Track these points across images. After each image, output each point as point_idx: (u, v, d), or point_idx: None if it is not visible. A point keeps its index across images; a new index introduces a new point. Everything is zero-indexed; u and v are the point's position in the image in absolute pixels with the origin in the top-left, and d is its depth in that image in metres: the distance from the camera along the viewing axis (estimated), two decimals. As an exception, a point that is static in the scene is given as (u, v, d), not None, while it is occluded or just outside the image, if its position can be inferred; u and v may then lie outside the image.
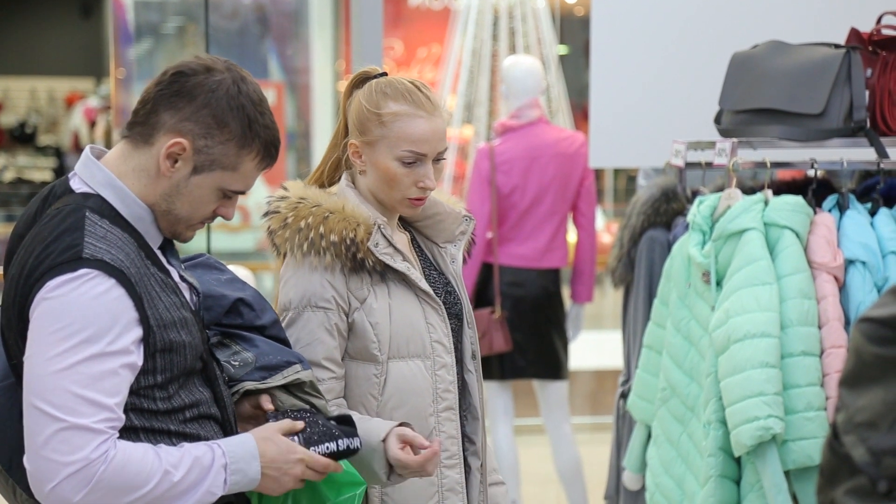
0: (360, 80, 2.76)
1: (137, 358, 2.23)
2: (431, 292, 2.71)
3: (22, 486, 2.37)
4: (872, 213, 3.76)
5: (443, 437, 2.67)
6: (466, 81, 8.70)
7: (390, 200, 2.70)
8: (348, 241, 2.60)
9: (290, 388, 2.50)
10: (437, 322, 2.71)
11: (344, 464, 2.50)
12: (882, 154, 3.81)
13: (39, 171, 16.63)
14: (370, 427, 2.55)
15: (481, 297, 5.91)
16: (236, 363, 2.50)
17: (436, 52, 10.70)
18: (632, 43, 5.07)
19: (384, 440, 2.52)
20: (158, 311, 2.26)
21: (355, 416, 2.57)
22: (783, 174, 4.20)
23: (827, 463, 1.82)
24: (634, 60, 5.02)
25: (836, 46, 3.88)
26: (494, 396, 5.94)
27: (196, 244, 9.21)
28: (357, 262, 2.61)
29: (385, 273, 2.66)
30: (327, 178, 2.79)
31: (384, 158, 2.67)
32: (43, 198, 2.37)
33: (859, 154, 3.90)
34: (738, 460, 3.62)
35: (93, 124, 15.35)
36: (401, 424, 2.57)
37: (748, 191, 3.86)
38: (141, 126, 2.32)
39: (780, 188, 3.91)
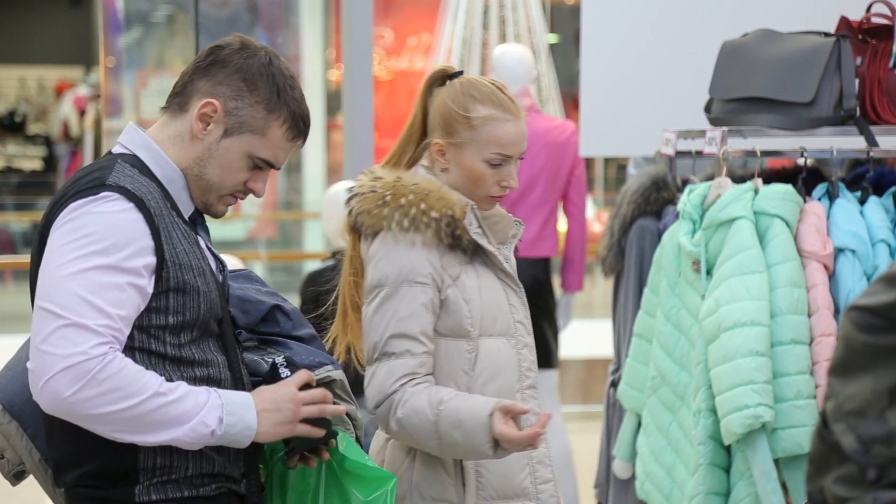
0: (439, 78, 2.83)
1: (148, 285, 2.28)
2: (514, 275, 2.82)
3: (36, 442, 2.43)
4: (862, 201, 3.76)
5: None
6: (457, 70, 8.69)
7: (471, 197, 2.78)
8: (447, 219, 2.69)
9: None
10: (517, 304, 2.81)
11: (370, 460, 2.55)
12: (871, 142, 3.81)
13: (29, 159, 16.61)
14: (473, 403, 2.62)
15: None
16: (268, 360, 2.54)
17: (426, 41, 10.68)
18: (622, 32, 5.07)
19: (490, 415, 2.58)
20: (175, 250, 2.33)
21: (457, 393, 2.64)
22: (773, 163, 4.20)
23: (816, 451, 1.82)
24: (624, 49, 5.02)
25: (826, 35, 3.88)
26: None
27: (186, 233, 9.21)
28: (454, 239, 2.70)
29: (475, 253, 2.74)
30: (395, 165, 2.84)
31: (471, 160, 2.76)
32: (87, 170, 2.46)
33: (849, 142, 3.90)
34: (727, 448, 3.62)
35: (82, 113, 15.32)
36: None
37: (738, 179, 3.86)
38: (179, 96, 2.44)
39: (770, 177, 3.91)
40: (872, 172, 3.86)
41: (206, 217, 2.52)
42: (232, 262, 5.71)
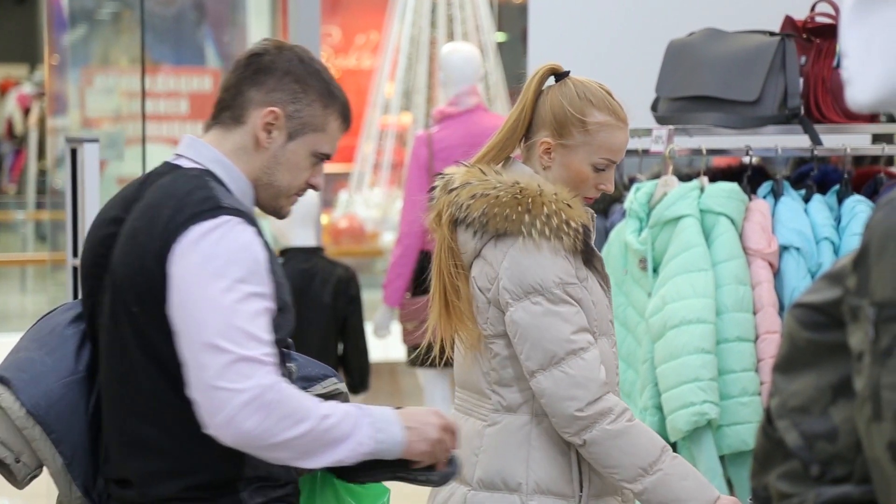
0: (548, 76, 2.88)
1: (273, 306, 2.32)
2: (608, 277, 2.91)
3: (78, 482, 2.41)
4: (806, 199, 3.79)
5: None
6: (405, 69, 8.70)
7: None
8: (584, 229, 2.78)
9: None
10: (608, 304, 2.90)
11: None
12: (816, 141, 3.84)
13: (-28, 158, 16.42)
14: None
15: (420, 285, 5.91)
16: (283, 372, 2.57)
17: (374, 40, 10.67)
18: (569, 30, 5.09)
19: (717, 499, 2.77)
20: (276, 270, 2.37)
21: None
22: (719, 161, 4.22)
23: (761, 447, 1.84)
24: (572, 47, 5.03)
25: (771, 34, 3.91)
26: (433, 384, 5.95)
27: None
28: (585, 246, 2.79)
29: (590, 257, 2.83)
30: (493, 160, 2.88)
31: (580, 162, 2.82)
32: (141, 182, 2.45)
33: (794, 141, 3.93)
34: (673, 445, 3.64)
35: (27, 111, 15.18)
36: None
37: (684, 178, 3.88)
38: (229, 109, 2.45)
39: (716, 175, 3.93)
40: (817, 171, 3.89)
41: None
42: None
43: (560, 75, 2.87)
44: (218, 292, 2.24)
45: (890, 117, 3.92)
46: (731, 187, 3.69)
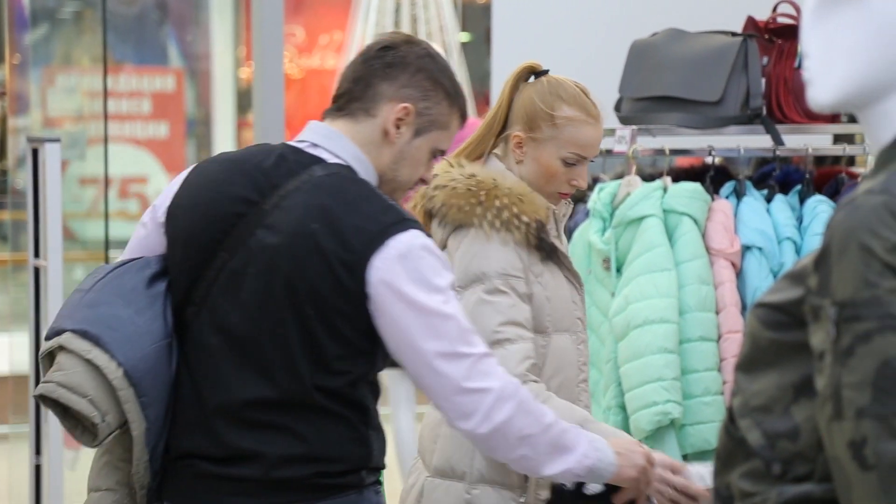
0: (527, 74, 2.92)
1: None
2: (578, 273, 2.93)
3: (150, 447, 2.39)
4: (768, 199, 3.80)
5: (581, 405, 2.86)
6: (368, 68, 8.66)
7: (541, 192, 2.87)
8: (536, 223, 2.80)
9: None
10: (578, 300, 2.92)
11: None
12: (778, 141, 3.86)
13: (-67, 158, 16.29)
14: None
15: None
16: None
17: (337, 39, 10.65)
18: (533, 30, 5.09)
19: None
20: None
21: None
22: (682, 161, 4.24)
23: (723, 447, 1.84)
24: (536, 48, 5.04)
25: (733, 34, 3.93)
26: (396, 384, 5.94)
27: (93, 231, 9.09)
28: (539, 241, 2.81)
29: (551, 253, 2.85)
30: (471, 155, 2.93)
31: (549, 156, 2.85)
32: (273, 165, 2.42)
33: (756, 141, 3.95)
34: (637, 445, 3.65)
35: (-12, 110, 15.06)
36: None
37: (647, 178, 3.89)
38: (359, 101, 2.45)
39: (679, 175, 3.94)
40: (779, 171, 3.91)
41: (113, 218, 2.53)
42: (141, 261, 5.64)
43: (539, 73, 2.92)
44: (440, 304, 2.32)
45: (851, 117, 3.94)
46: (693, 187, 3.70)
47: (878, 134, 1.80)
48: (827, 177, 4.01)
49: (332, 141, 2.45)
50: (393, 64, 2.45)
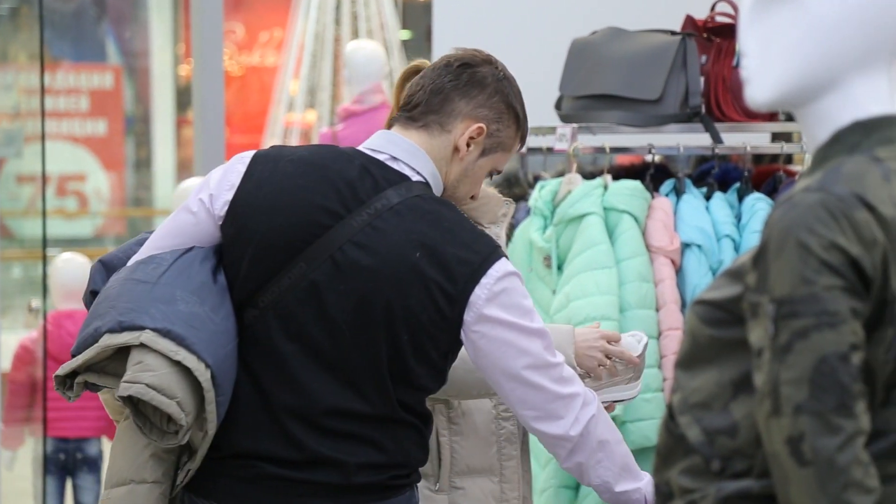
0: (413, 74, 2.86)
1: None
2: None
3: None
4: (708, 197, 3.83)
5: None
6: (309, 66, 8.65)
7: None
8: None
9: None
10: None
11: None
12: (717, 139, 3.88)
13: None
14: None
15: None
16: None
17: (278, 36, 10.60)
18: (474, 28, 5.10)
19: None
20: None
21: None
22: (622, 159, 4.26)
23: (663, 443, 1.85)
24: (476, 45, 5.03)
25: (672, 33, 3.95)
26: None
27: (31, 230, 9.00)
28: None
29: None
30: None
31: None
32: (358, 176, 2.42)
33: (695, 139, 3.97)
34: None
35: (-78, 108, 14.86)
36: None
37: (588, 176, 3.91)
38: (436, 115, 2.47)
39: (619, 173, 3.96)
40: (718, 169, 3.93)
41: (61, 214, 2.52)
42: (79, 261, 5.59)
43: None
44: (529, 323, 2.43)
45: (788, 116, 3.97)
46: (634, 185, 3.72)
47: (815, 132, 1.81)
48: (765, 175, 4.05)
49: (413, 156, 2.47)
50: (472, 83, 2.49)
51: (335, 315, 2.37)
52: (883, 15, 1.77)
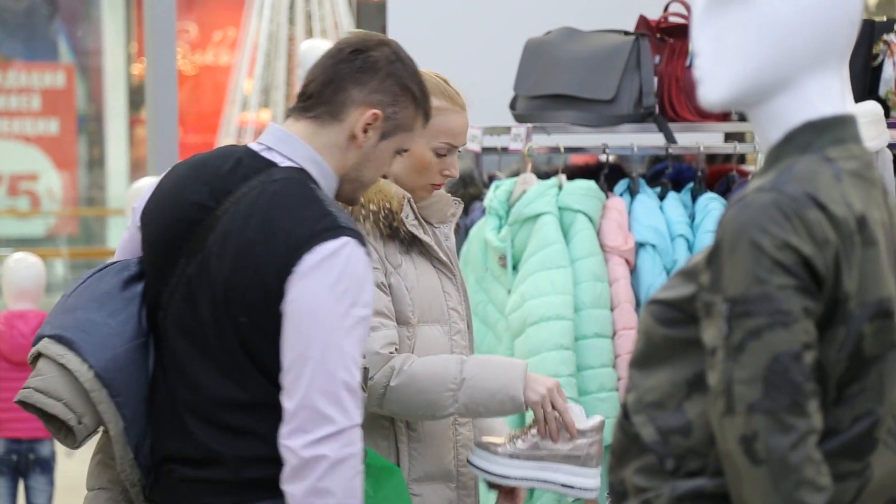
0: None
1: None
2: (449, 263, 2.90)
3: (132, 445, 2.41)
4: (661, 197, 3.84)
5: None
6: (263, 65, 8.62)
7: (414, 185, 2.85)
8: (385, 211, 2.77)
9: None
10: (451, 291, 2.89)
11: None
12: (670, 139, 3.90)
13: None
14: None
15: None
16: None
17: (231, 36, 10.56)
18: (428, 28, 5.10)
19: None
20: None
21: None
22: (576, 159, 4.26)
23: (618, 443, 1.86)
24: (430, 46, 5.04)
25: (626, 33, 3.96)
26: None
27: (-17, 231, 8.90)
28: (392, 230, 2.79)
29: (412, 243, 2.83)
30: None
31: (420, 148, 2.82)
32: (230, 170, 2.43)
33: (649, 139, 3.98)
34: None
35: None
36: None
37: (543, 175, 3.91)
38: (328, 105, 2.45)
39: (574, 173, 3.96)
40: (671, 169, 3.95)
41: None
42: (31, 260, 5.55)
43: None
44: (337, 317, 2.30)
45: (741, 116, 4.00)
46: (588, 185, 3.72)
47: (767, 132, 1.82)
48: (718, 174, 4.07)
49: (285, 144, 2.45)
50: (364, 68, 2.46)
51: (204, 306, 2.40)
52: (834, 16, 1.79)
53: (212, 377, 2.40)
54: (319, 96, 2.46)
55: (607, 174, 3.87)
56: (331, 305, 2.30)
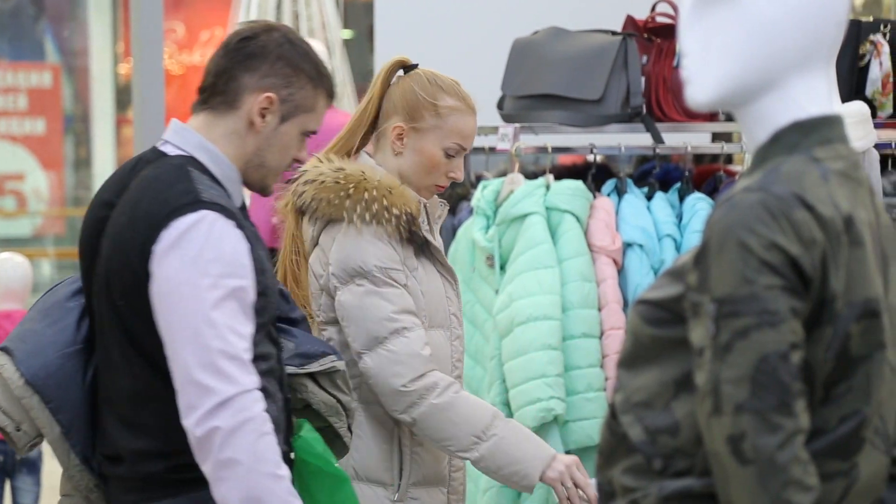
0: (397, 68, 2.93)
1: (253, 296, 2.36)
2: (452, 268, 2.93)
3: (76, 450, 2.44)
4: (649, 197, 3.84)
5: None
6: (250, 65, 8.59)
7: (419, 184, 2.87)
8: (406, 216, 2.80)
9: (322, 381, 2.60)
10: (452, 296, 2.92)
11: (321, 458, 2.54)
12: (657, 139, 3.90)
13: None
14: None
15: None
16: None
17: (218, 35, 10.54)
18: (416, 27, 5.09)
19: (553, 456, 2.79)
20: (258, 256, 2.40)
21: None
22: (564, 159, 4.27)
23: (605, 442, 1.86)
24: (418, 45, 5.04)
25: (613, 33, 3.96)
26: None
27: (-31, 231, 8.88)
28: (410, 234, 2.82)
29: (423, 247, 2.86)
30: (340, 151, 2.92)
31: (431, 146, 2.85)
32: (132, 167, 2.48)
33: (636, 139, 3.99)
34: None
35: None
36: None
37: (530, 175, 3.91)
38: (222, 95, 2.46)
39: (561, 173, 3.97)
40: (659, 169, 3.95)
41: None
42: (17, 260, 5.54)
43: (409, 67, 2.92)
44: (202, 289, 2.29)
45: (728, 116, 4.00)
46: (576, 185, 3.73)
47: (754, 132, 1.83)
48: (705, 174, 4.07)
49: (177, 135, 2.48)
50: (253, 54, 2.47)
51: (100, 297, 2.44)
52: (820, 15, 1.79)
53: (112, 371, 2.43)
54: (213, 88, 2.48)
55: (595, 174, 3.87)
56: (195, 279, 2.30)
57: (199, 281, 2.29)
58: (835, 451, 1.75)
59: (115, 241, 2.39)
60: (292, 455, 2.50)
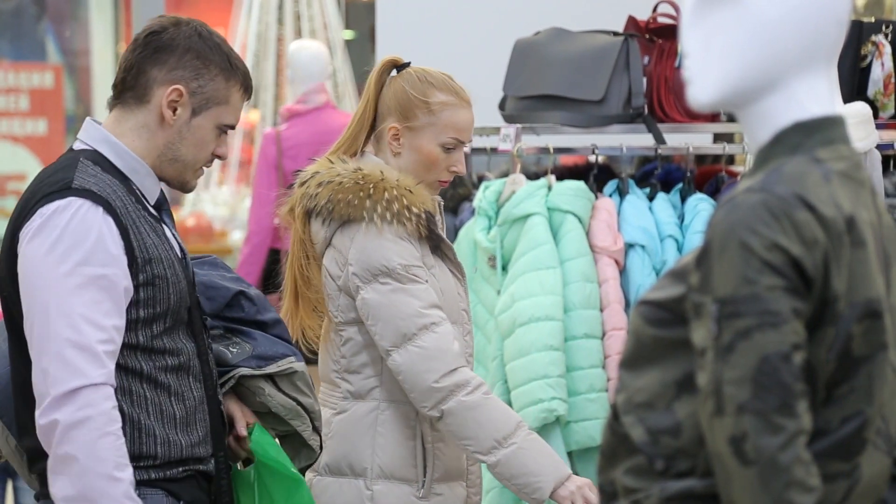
0: (389, 68, 2.95)
1: (129, 284, 2.33)
2: (461, 265, 2.96)
3: (13, 431, 2.43)
4: (651, 197, 3.84)
5: None
6: (252, 66, 8.60)
7: (421, 181, 2.88)
8: (426, 214, 2.82)
9: (281, 383, 2.59)
10: (462, 292, 2.95)
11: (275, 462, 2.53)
12: (659, 140, 3.90)
13: None
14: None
15: (269, 283, 5.85)
16: (234, 350, 2.60)
17: (220, 36, 10.55)
18: (417, 28, 5.10)
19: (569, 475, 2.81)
20: (145, 245, 2.37)
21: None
22: (566, 160, 4.27)
23: (607, 443, 1.86)
24: (419, 45, 5.04)
25: (615, 34, 3.96)
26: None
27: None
28: (429, 232, 2.84)
29: (437, 245, 2.88)
30: (344, 153, 2.93)
31: (428, 144, 2.87)
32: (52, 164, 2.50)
33: (638, 140, 3.99)
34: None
35: None
36: None
37: (532, 176, 3.91)
38: (131, 90, 2.47)
39: (563, 173, 3.97)
40: (660, 169, 3.95)
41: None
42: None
43: (401, 66, 2.94)
44: (59, 276, 2.27)
45: (730, 116, 4.00)
46: (577, 186, 3.73)
47: (756, 133, 1.82)
48: (707, 175, 4.07)
49: (85, 131, 2.49)
50: (161, 48, 2.47)
51: None
52: (822, 16, 1.79)
53: (13, 363, 2.44)
54: (124, 83, 2.49)
55: (596, 175, 3.87)
56: (51, 265, 2.29)
57: (57, 267, 2.28)
58: (837, 452, 1.75)
59: (6, 235, 2.40)
60: (221, 455, 2.48)
